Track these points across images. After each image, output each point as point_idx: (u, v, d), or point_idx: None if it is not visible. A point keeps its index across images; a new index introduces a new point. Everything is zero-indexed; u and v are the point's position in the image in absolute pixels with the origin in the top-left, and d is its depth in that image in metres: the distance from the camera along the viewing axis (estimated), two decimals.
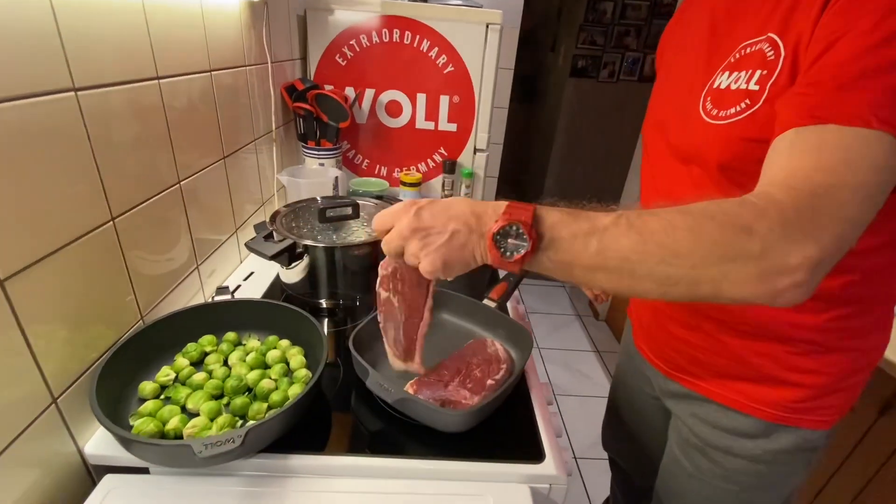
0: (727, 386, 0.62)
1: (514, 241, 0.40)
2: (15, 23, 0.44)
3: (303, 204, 0.95)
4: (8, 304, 0.45)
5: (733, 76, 0.52)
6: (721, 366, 0.62)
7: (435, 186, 1.49)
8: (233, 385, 0.62)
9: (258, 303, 0.75)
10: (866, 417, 1.00)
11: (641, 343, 0.78)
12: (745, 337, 0.58)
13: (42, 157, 0.49)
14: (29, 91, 0.46)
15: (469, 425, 0.60)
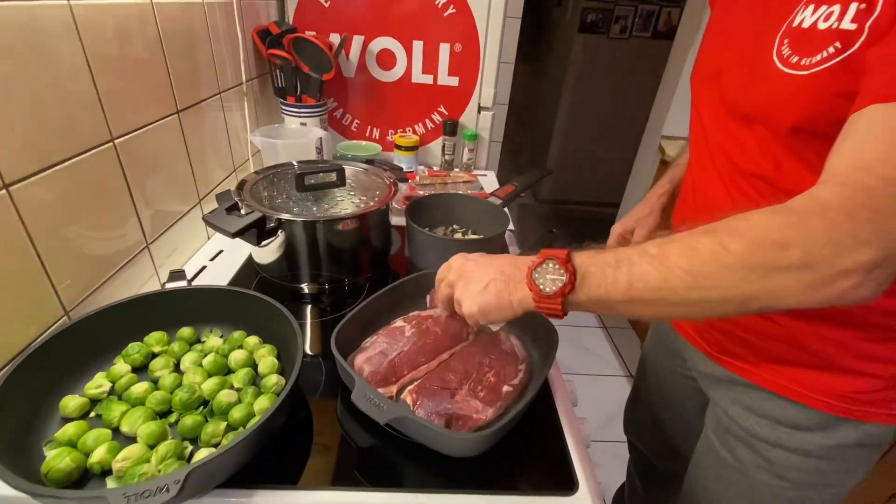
0: (781, 373, 0.53)
1: (552, 277, 0.41)
2: None
3: (277, 170, 0.80)
4: None
5: (821, 11, 0.40)
6: (776, 350, 0.53)
7: (434, 150, 1.33)
8: (183, 398, 0.49)
9: (220, 291, 0.61)
10: None
11: (683, 322, 0.66)
12: (808, 320, 0.49)
13: None
14: None
15: (482, 449, 0.48)
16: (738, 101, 0.49)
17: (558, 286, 0.40)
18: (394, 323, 0.63)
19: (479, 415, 0.50)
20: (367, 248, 0.78)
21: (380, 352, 0.57)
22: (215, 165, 0.89)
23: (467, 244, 0.80)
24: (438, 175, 1.22)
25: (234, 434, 0.47)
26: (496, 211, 0.86)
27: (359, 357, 0.56)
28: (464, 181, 1.20)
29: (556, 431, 0.54)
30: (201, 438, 0.46)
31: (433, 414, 0.49)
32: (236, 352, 0.56)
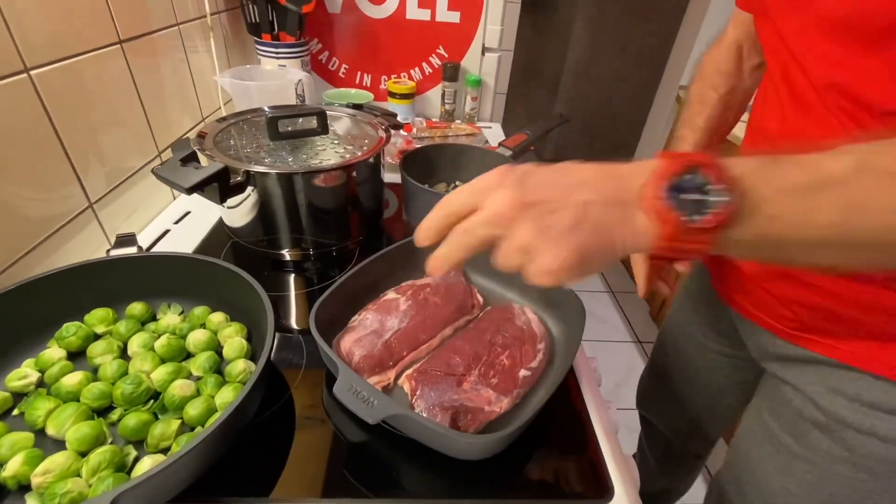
0: (888, 350, 0.43)
1: (697, 198, 0.25)
2: None
3: (247, 116, 0.67)
4: None
5: None
6: (880, 326, 0.43)
7: (432, 99, 1.19)
8: (126, 391, 0.39)
9: (177, 259, 0.50)
10: None
11: (735, 295, 0.56)
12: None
13: None
14: None
15: (499, 451, 0.39)
16: (856, 9, 0.34)
17: (712, 213, 0.25)
18: (385, 295, 0.53)
19: (491, 406, 0.41)
20: (355, 207, 0.67)
21: (372, 331, 0.48)
22: (178, 113, 0.77)
23: None
24: (438, 127, 1.09)
25: (189, 436, 0.38)
26: (506, 163, 0.74)
27: (346, 339, 0.47)
28: (466, 134, 1.08)
29: (584, 425, 0.45)
30: (148, 442, 0.37)
31: (436, 407, 0.40)
32: (197, 332, 0.46)
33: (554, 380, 0.41)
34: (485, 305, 0.57)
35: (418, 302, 0.52)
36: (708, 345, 0.67)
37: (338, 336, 0.48)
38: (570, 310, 0.51)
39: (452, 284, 0.56)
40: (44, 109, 0.49)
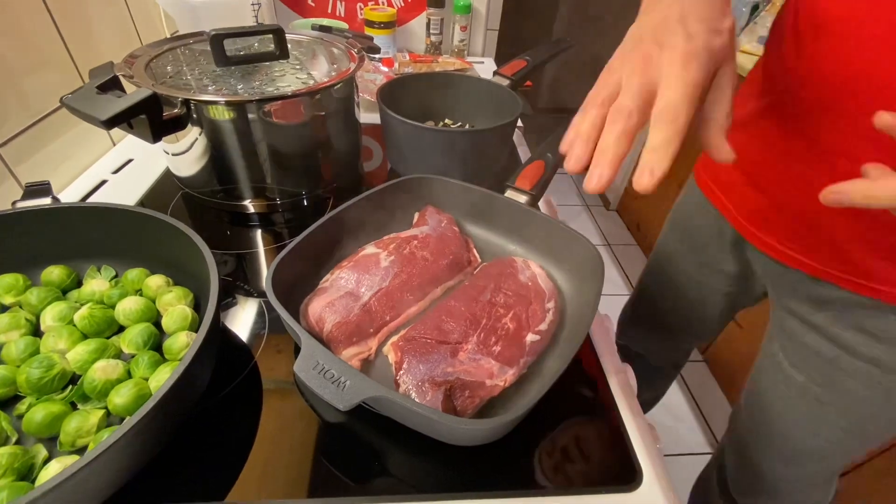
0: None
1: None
2: None
3: (188, 41, 0.55)
4: None
5: None
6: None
7: (416, 30, 1.05)
8: (34, 377, 0.31)
9: (105, 211, 0.41)
10: None
11: (775, 241, 0.49)
12: None
13: None
14: None
15: (500, 433, 0.31)
16: None
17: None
18: (363, 250, 0.44)
19: (494, 380, 0.34)
20: (326, 148, 0.56)
21: (347, 293, 0.39)
22: (112, 46, 0.64)
23: (468, 137, 0.58)
24: (423, 61, 0.97)
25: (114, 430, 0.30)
26: (503, 94, 0.63)
27: (316, 302, 0.38)
28: (455, 69, 0.95)
29: (604, 400, 0.38)
30: (61, 440, 0.30)
31: (426, 383, 0.32)
32: (129, 300, 0.37)
33: (570, 347, 0.34)
34: (483, 260, 0.49)
35: (403, 257, 0.44)
36: (701, 272, 0.65)
37: (306, 300, 0.39)
38: (584, 261, 0.43)
39: (444, 236, 0.48)
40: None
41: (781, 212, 0.47)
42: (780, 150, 0.45)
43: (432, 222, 0.49)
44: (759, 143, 0.48)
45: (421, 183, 0.51)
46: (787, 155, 0.44)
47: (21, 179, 0.50)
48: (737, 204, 0.54)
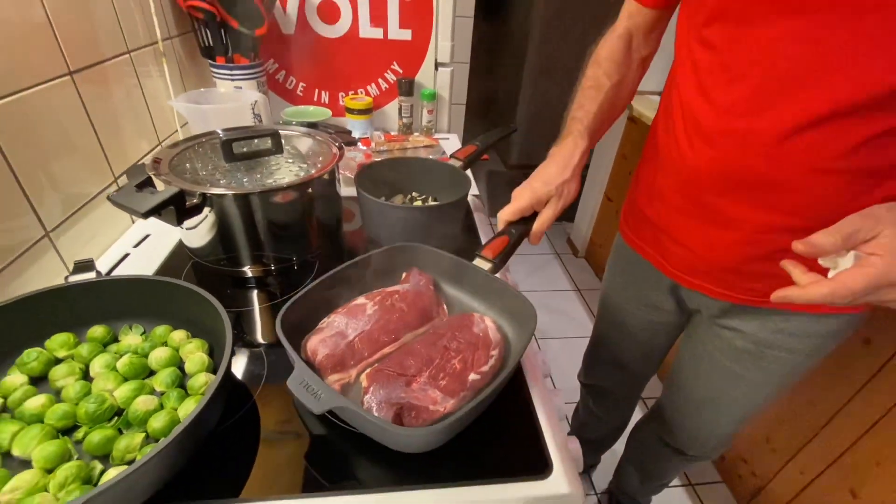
0: None
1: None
2: None
3: (201, 139, 0.70)
4: None
5: None
6: None
7: (390, 113, 1.23)
8: (90, 410, 0.41)
9: (135, 281, 0.52)
10: (884, 350, 0.90)
11: (705, 283, 0.65)
12: None
13: None
14: None
15: (435, 445, 0.42)
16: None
17: None
18: (355, 301, 0.56)
19: (436, 406, 0.45)
20: (313, 222, 0.70)
21: (337, 332, 0.51)
22: (134, 138, 0.78)
23: (424, 212, 0.73)
24: (396, 140, 1.13)
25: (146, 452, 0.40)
26: (457, 174, 0.78)
27: (313, 339, 0.50)
28: (424, 146, 1.12)
29: (528, 412, 0.49)
30: (113, 455, 0.39)
31: (383, 404, 0.43)
32: (158, 350, 0.48)
33: (500, 380, 0.45)
34: (451, 314, 0.60)
35: (385, 307, 0.55)
36: (647, 315, 0.81)
37: (307, 336, 0.51)
38: (525, 316, 0.54)
39: (420, 293, 0.59)
40: (7, 166, 0.51)
41: (704, 261, 0.62)
42: (692, 216, 0.60)
43: (413, 281, 0.61)
44: (672, 209, 0.63)
45: (405, 249, 0.62)
46: (699, 220, 0.59)
47: (61, 254, 0.62)
48: (665, 257, 0.69)
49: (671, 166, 0.61)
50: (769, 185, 0.51)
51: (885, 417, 0.92)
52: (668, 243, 0.67)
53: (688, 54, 0.57)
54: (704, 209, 0.58)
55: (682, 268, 0.67)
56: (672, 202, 0.63)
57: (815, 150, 0.47)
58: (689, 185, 0.59)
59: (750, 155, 0.51)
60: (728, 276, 0.62)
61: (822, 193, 0.49)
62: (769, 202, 0.52)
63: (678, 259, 0.67)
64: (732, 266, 0.60)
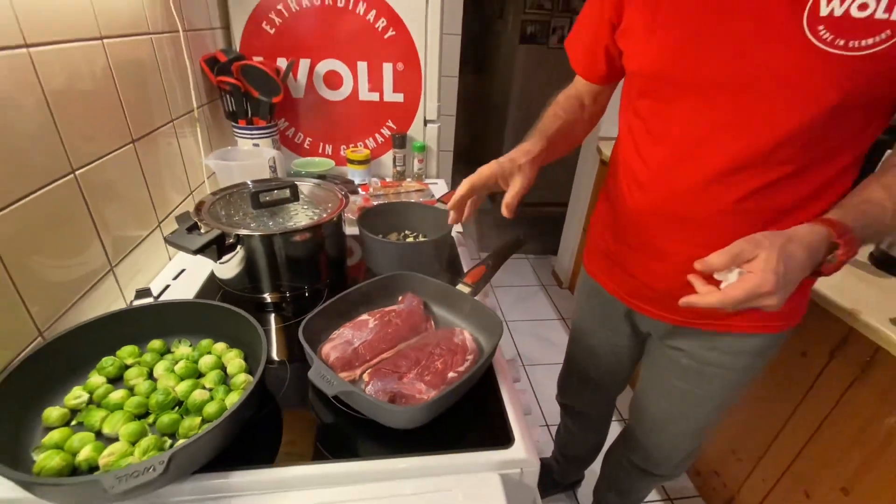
0: (746, 317, 0.72)
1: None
2: None
3: (233, 190, 0.85)
4: None
5: (850, 3, 0.50)
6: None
7: (385, 163, 1.41)
8: (159, 400, 0.54)
9: (186, 304, 0.66)
10: (817, 359, 1.04)
11: (653, 308, 0.79)
12: None
13: None
14: None
15: (420, 422, 0.55)
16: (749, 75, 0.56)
17: (833, 262, 0.54)
18: (360, 316, 0.70)
19: (422, 395, 0.58)
20: (323, 257, 0.84)
21: (345, 341, 0.64)
22: (172, 190, 0.94)
23: (413, 247, 0.88)
24: (391, 185, 1.30)
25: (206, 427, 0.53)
26: (441, 215, 0.94)
27: (326, 346, 0.63)
28: (416, 190, 1.29)
29: (498, 401, 0.62)
30: (179, 433, 0.52)
31: (380, 391, 0.57)
32: (205, 357, 0.61)
33: (471, 374, 0.59)
34: (437, 328, 0.74)
35: (384, 322, 0.69)
36: (615, 342, 0.93)
37: (322, 343, 0.64)
38: (494, 328, 0.67)
39: (413, 311, 0.73)
40: (84, 200, 0.66)
41: (648, 288, 0.76)
42: (637, 250, 0.75)
43: (407, 302, 0.75)
44: (622, 245, 0.78)
45: (400, 277, 0.76)
46: (642, 254, 0.74)
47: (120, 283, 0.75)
48: (619, 286, 0.83)
49: (619, 209, 0.77)
50: (691, 224, 0.66)
51: (824, 423, 1.04)
52: (620, 274, 0.81)
53: (625, 121, 0.74)
54: (646, 245, 0.73)
55: (632, 295, 0.81)
56: (622, 239, 0.78)
57: (720, 197, 0.63)
58: (633, 225, 0.74)
59: (674, 200, 0.67)
60: (668, 301, 0.74)
61: (730, 230, 0.61)
62: (692, 238, 0.67)
63: (629, 287, 0.81)
64: (670, 292, 0.72)
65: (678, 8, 0.59)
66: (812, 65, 0.53)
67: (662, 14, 0.60)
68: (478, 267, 0.79)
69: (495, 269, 0.81)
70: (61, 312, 0.62)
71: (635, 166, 0.72)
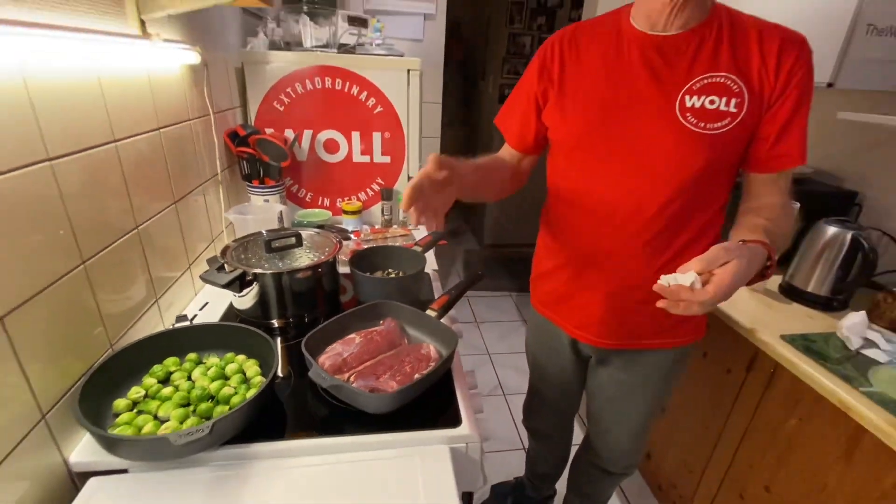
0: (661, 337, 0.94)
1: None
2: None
3: (251, 238, 1.08)
4: (6, 336, 0.56)
5: (704, 99, 0.74)
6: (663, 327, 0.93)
7: (375, 212, 1.65)
8: (197, 394, 0.73)
9: (215, 325, 0.87)
10: (738, 374, 1.23)
11: (589, 336, 0.97)
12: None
13: (27, 219, 0.60)
14: (9, 167, 0.58)
15: (390, 407, 0.74)
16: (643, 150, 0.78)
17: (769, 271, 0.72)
18: (349, 335, 0.90)
19: (392, 389, 0.78)
20: (320, 291, 1.06)
21: (337, 353, 0.84)
22: (199, 239, 1.16)
23: (394, 281, 1.10)
24: (379, 232, 1.53)
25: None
26: (417, 256, 1.17)
27: (322, 356, 0.83)
28: (401, 235, 1.52)
29: (452, 395, 0.82)
30: (213, 416, 0.71)
31: (361, 386, 0.76)
32: (230, 365, 0.81)
33: (429, 372, 0.78)
34: (410, 343, 0.94)
35: (367, 339, 0.89)
36: (566, 367, 1.10)
37: (319, 354, 0.84)
38: (451, 341, 0.87)
39: (391, 331, 0.94)
40: (142, 250, 0.88)
41: (587, 319, 0.95)
42: (571, 285, 0.95)
43: (386, 324, 0.95)
44: (559, 282, 0.99)
45: (383, 304, 0.98)
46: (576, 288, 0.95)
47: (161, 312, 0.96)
48: (561, 317, 1.02)
49: (556, 254, 0.98)
50: (612, 263, 0.87)
51: (748, 430, 1.22)
52: (562, 308, 1.01)
53: (553, 183, 0.96)
54: (578, 280, 0.94)
55: (572, 324, 1.00)
56: (560, 279, 0.98)
57: (632, 242, 0.84)
58: (567, 265, 0.96)
59: (599, 246, 0.88)
60: (601, 328, 0.94)
61: (642, 265, 0.84)
62: (615, 274, 0.88)
63: (570, 319, 1.00)
64: (603, 319, 0.93)
65: (587, 99, 0.83)
66: (685, 140, 0.76)
67: (576, 103, 0.84)
68: (443, 296, 1.01)
69: (457, 299, 1.02)
70: (123, 332, 0.82)
71: (565, 220, 0.94)
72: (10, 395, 0.58)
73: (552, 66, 0.87)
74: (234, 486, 0.65)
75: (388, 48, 1.55)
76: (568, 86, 0.85)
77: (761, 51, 0.74)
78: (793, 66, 0.73)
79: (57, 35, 0.62)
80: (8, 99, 0.57)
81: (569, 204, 0.92)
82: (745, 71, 0.74)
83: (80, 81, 0.71)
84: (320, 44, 1.46)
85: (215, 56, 1.23)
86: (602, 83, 0.81)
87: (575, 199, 0.90)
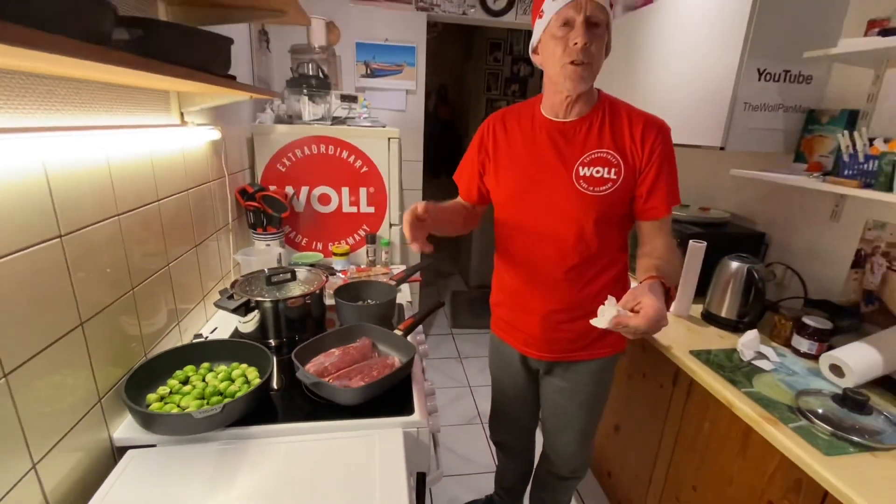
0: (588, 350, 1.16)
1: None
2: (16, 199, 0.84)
3: (254, 274, 1.33)
4: (84, 338, 0.80)
5: (592, 170, 1.01)
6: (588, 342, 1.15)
7: (361, 254, 1.91)
8: (210, 390, 0.96)
9: (224, 341, 1.10)
10: (667, 388, 1.44)
11: (533, 351, 1.19)
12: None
13: (90, 266, 0.86)
14: (91, 221, 0.85)
15: (358, 399, 0.96)
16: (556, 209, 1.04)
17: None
18: (330, 350, 1.13)
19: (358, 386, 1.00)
20: (309, 316, 1.29)
21: (320, 362, 1.07)
22: (210, 276, 1.41)
23: (369, 307, 1.34)
24: (364, 270, 1.79)
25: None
26: (390, 288, 1.42)
27: (309, 365, 1.06)
28: (383, 273, 1.77)
29: (408, 390, 1.04)
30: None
31: (337, 384, 0.99)
32: (235, 370, 1.04)
33: (390, 374, 1.01)
34: (380, 356, 1.17)
35: (345, 353, 1.12)
36: (519, 383, 1.30)
37: (305, 364, 1.06)
38: (410, 352, 1.11)
39: (364, 347, 1.17)
40: (170, 283, 1.13)
41: (531, 337, 1.18)
42: (517, 310, 1.20)
43: (361, 342, 1.19)
44: (507, 309, 1.23)
45: (359, 326, 1.21)
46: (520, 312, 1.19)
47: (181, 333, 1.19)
48: (513, 338, 1.25)
49: (503, 285, 1.23)
50: (543, 290, 1.12)
51: (678, 437, 1.41)
52: (512, 330, 1.25)
53: (497, 230, 1.23)
54: (519, 307, 1.18)
55: (522, 343, 1.23)
56: (509, 305, 1.23)
57: (555, 273, 1.09)
58: (514, 296, 1.20)
59: (534, 277, 1.13)
60: (541, 344, 1.18)
61: (566, 291, 1.10)
62: (547, 299, 1.12)
63: (518, 338, 1.23)
64: (542, 336, 1.16)
65: (513, 169, 1.11)
66: (580, 200, 1.03)
67: (506, 172, 1.13)
68: (408, 319, 1.25)
69: (420, 322, 1.26)
70: (153, 345, 1.06)
71: (506, 260, 1.21)
72: (80, 383, 0.81)
73: (489, 142, 1.16)
74: (237, 457, 0.86)
75: (373, 121, 1.88)
76: (500, 159, 1.14)
77: (630, 132, 1.03)
78: (653, 142, 1.01)
79: (131, 132, 0.91)
80: (95, 176, 0.85)
81: (507, 247, 1.19)
82: (620, 147, 1.03)
83: (140, 159, 0.99)
84: (317, 117, 1.78)
85: (231, 131, 1.55)
86: (525, 158, 1.10)
87: (510, 244, 1.17)
